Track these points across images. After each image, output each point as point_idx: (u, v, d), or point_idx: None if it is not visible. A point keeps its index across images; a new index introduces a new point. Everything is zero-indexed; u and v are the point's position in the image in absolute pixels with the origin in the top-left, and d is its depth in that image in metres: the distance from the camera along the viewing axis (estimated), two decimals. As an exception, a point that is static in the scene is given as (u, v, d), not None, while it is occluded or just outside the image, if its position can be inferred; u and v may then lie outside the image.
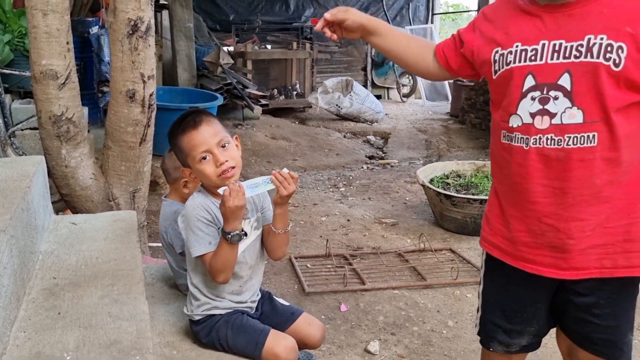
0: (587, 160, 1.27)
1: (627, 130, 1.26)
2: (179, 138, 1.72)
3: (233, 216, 1.61)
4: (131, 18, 2.34)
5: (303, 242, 3.79)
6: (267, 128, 7.11)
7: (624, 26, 1.21)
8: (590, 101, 1.24)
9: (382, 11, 10.69)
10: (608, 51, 1.21)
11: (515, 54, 1.31)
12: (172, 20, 7.17)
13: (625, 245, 1.33)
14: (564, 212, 1.33)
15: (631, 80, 1.23)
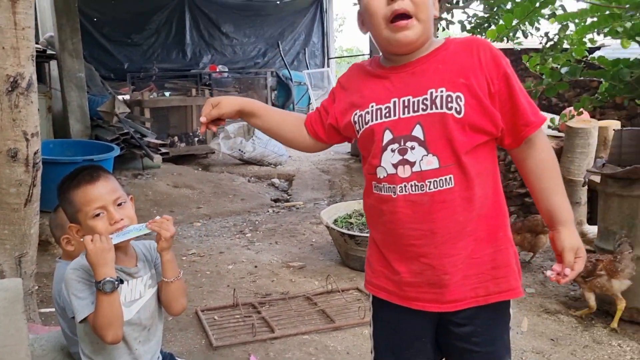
0: (448, 201, 1.38)
1: (477, 169, 1.39)
2: (71, 192, 1.63)
3: (100, 261, 1.54)
4: (10, 75, 2.23)
5: (210, 293, 3.69)
6: (168, 176, 6.94)
7: (458, 78, 1.36)
8: (442, 147, 1.37)
9: (279, 56, 10.94)
10: (449, 101, 1.35)
11: (371, 113, 1.43)
12: (61, 71, 6.89)
13: (493, 272, 1.44)
14: (436, 251, 1.41)
15: (473, 124, 1.37)
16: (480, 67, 1.37)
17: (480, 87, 1.36)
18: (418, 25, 1.36)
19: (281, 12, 11.33)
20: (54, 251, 4.41)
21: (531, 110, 1.40)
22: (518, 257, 1.50)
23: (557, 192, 1.44)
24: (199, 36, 10.46)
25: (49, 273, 3.98)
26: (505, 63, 1.39)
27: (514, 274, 1.46)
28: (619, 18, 2.82)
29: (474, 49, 1.39)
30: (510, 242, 1.47)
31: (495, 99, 1.38)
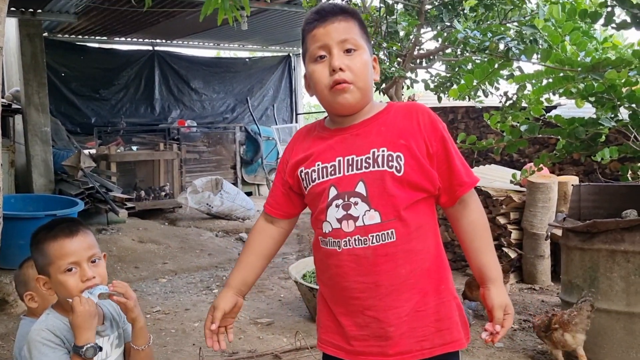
0: (391, 254, 1.43)
1: (418, 223, 1.46)
2: (47, 243, 1.58)
3: (86, 325, 1.50)
4: (-25, 129, 2.20)
5: (174, 352, 3.57)
6: (134, 231, 6.82)
7: (399, 139, 1.46)
8: (383, 203, 1.43)
9: (248, 112, 11.08)
10: (390, 160, 1.44)
11: (318, 171, 1.51)
12: (26, 125, 6.83)
13: (437, 324, 1.47)
14: (381, 303, 1.45)
15: (412, 182, 1.45)
16: (419, 130, 1.47)
17: (419, 148, 1.45)
18: (356, 91, 1.47)
19: (250, 69, 11.55)
20: (11, 310, 4.24)
21: (465, 171, 1.49)
22: (462, 309, 1.54)
23: (486, 251, 1.50)
24: (168, 91, 10.54)
25: (5, 334, 3.81)
26: (442, 127, 1.49)
27: (457, 326, 1.49)
28: (572, 80, 2.98)
29: (413, 114, 1.49)
30: (453, 295, 1.52)
31: (433, 160, 1.47)
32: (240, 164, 10.46)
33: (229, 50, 12.89)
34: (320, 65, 1.48)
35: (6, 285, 4.30)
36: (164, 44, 10.64)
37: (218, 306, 1.60)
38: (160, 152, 8.90)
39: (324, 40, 1.47)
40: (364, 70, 1.47)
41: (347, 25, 1.48)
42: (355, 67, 1.45)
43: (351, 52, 1.47)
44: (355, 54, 1.47)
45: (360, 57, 1.47)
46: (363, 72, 1.47)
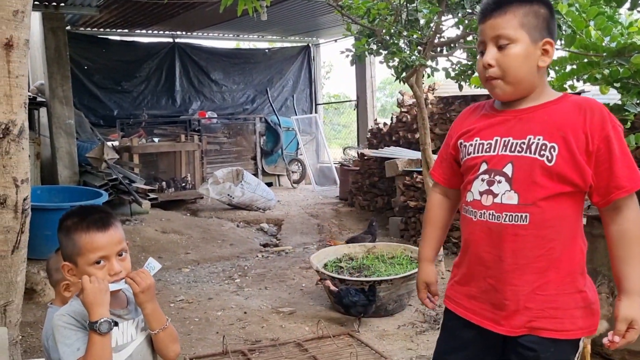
0: (520, 236, 1.52)
1: (556, 215, 1.52)
2: (77, 233, 1.59)
3: (97, 301, 1.52)
4: (2, 121, 2.25)
5: (198, 340, 3.62)
6: (157, 222, 6.90)
7: (558, 131, 1.50)
8: (525, 188, 1.51)
9: (268, 102, 11.09)
10: (543, 149, 1.50)
11: (474, 146, 1.63)
12: (51, 118, 6.94)
13: (552, 311, 1.54)
14: (502, 276, 1.56)
15: (561, 174, 1.49)
16: (583, 125, 1.49)
17: (578, 142, 1.48)
18: (505, 86, 1.56)
19: (270, 60, 11.55)
20: (39, 299, 4.33)
21: (629, 175, 1.47)
22: (591, 303, 1.56)
23: (629, 262, 1.50)
24: (189, 83, 10.60)
25: (34, 322, 3.90)
26: (612, 127, 1.49)
27: (572, 319, 1.54)
28: (597, 65, 2.91)
29: (583, 109, 1.52)
30: (579, 289, 1.55)
31: (592, 157, 1.48)
32: (261, 155, 10.49)
33: (249, 41, 12.90)
34: (480, 59, 1.60)
35: (34, 275, 4.39)
36: (184, 35, 10.70)
37: (431, 281, 1.81)
38: (181, 143, 8.97)
39: (481, 37, 1.59)
40: (514, 63, 1.53)
41: (503, 20, 1.54)
42: (504, 62, 1.53)
43: (504, 47, 1.54)
44: (507, 48, 1.53)
45: (513, 50, 1.53)
46: (513, 65, 1.53)
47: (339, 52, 4.92)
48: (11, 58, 2.23)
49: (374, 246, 4.78)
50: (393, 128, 7.87)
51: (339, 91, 17.68)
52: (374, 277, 4.07)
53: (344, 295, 3.76)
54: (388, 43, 4.56)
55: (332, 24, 9.83)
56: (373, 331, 3.70)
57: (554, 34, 1.58)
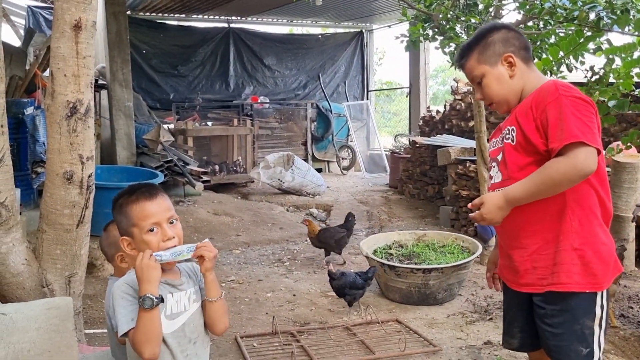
0: None
1: None
2: (129, 206, 1.69)
3: (145, 277, 1.59)
4: (70, 100, 2.34)
5: (249, 320, 3.70)
6: (209, 204, 7.05)
7: (517, 116, 1.85)
8: (504, 166, 1.90)
9: (320, 88, 11.10)
10: (509, 133, 1.88)
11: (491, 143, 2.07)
12: (111, 100, 7.16)
13: (553, 267, 1.81)
14: (509, 243, 1.92)
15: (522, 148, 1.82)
16: (531, 104, 1.81)
17: (527, 120, 1.80)
18: (499, 105, 1.96)
19: (322, 46, 11.53)
20: (98, 274, 4.52)
21: (557, 135, 1.71)
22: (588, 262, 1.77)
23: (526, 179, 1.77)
24: (242, 68, 10.72)
25: (93, 295, 4.07)
26: (554, 99, 1.74)
27: (569, 273, 1.78)
28: (668, 51, 2.77)
29: (536, 91, 1.83)
30: (573, 247, 1.78)
31: (540, 129, 1.78)
32: (311, 141, 10.53)
33: (302, 26, 12.91)
34: None
35: (93, 250, 4.58)
36: (239, 20, 10.80)
37: (490, 259, 2.14)
38: (234, 127, 9.10)
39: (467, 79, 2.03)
40: (493, 90, 1.92)
41: (470, 64, 1.95)
42: (487, 93, 1.95)
43: (481, 83, 1.94)
44: (483, 82, 1.93)
45: (486, 82, 1.93)
46: (492, 92, 1.93)
47: (392, 38, 4.87)
48: (79, 39, 2.31)
49: (425, 234, 4.74)
50: (446, 116, 7.74)
51: (391, 78, 17.51)
52: (424, 265, 4.04)
53: None
54: (445, 28, 4.46)
55: (387, 9, 9.71)
56: (422, 319, 3.68)
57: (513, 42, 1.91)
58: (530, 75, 1.90)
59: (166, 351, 1.67)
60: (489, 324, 3.56)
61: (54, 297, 2.44)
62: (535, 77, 1.91)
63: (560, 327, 1.80)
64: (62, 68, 2.33)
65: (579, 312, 1.79)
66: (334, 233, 5.02)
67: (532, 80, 1.89)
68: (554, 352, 1.84)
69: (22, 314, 1.94)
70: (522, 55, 1.90)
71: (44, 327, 1.83)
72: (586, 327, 1.79)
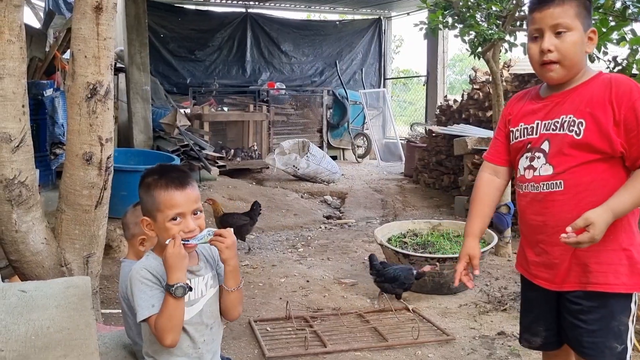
0: (558, 201, 1.75)
1: (589, 179, 1.72)
2: (157, 190, 1.66)
3: (177, 266, 1.59)
4: (90, 82, 2.35)
5: (262, 304, 3.72)
6: (224, 189, 7.09)
7: (586, 107, 1.71)
8: (557, 160, 1.75)
9: (337, 75, 11.04)
10: (572, 125, 1.72)
11: (520, 131, 1.88)
12: (128, 83, 7.19)
13: (595, 266, 1.73)
14: (549, 239, 1.79)
15: (588, 144, 1.69)
16: (609, 97, 1.67)
17: (605, 115, 1.67)
18: (561, 70, 1.75)
19: (340, 32, 11.47)
20: (115, 255, 4.57)
21: None
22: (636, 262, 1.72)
23: (627, 187, 1.66)
24: (259, 54, 10.70)
25: (109, 275, 4.13)
26: (638, 97, 1.63)
27: (615, 273, 1.72)
28: None
29: (610, 83, 1.70)
30: (622, 247, 1.72)
31: (620, 126, 1.66)
32: (327, 128, 10.50)
33: (320, 12, 12.83)
34: (534, 44, 1.77)
35: (110, 231, 4.63)
36: (257, 5, 10.77)
37: (474, 254, 1.95)
38: (250, 113, 9.11)
39: (538, 24, 1.75)
40: (572, 49, 1.72)
41: (562, 10, 1.72)
42: (563, 48, 1.72)
43: (561, 34, 1.72)
44: (565, 36, 1.72)
45: (570, 37, 1.72)
46: (570, 51, 1.73)
47: (410, 26, 4.82)
48: (100, 21, 2.32)
49: (439, 223, 4.72)
50: (463, 105, 7.67)
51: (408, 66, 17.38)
52: (438, 254, 4.02)
53: None
54: (465, 16, 4.41)
55: (406, -4, 9.62)
56: (435, 308, 3.68)
57: None
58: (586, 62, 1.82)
59: (185, 337, 1.68)
60: (503, 315, 3.55)
61: (73, 276, 2.47)
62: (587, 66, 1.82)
63: (597, 323, 1.75)
64: (82, 49, 2.34)
65: (617, 309, 1.75)
66: (237, 220, 4.96)
67: (587, 66, 1.80)
68: (588, 349, 1.78)
69: (41, 292, 1.97)
70: None
71: (63, 305, 1.85)
72: (622, 324, 1.75)
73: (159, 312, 1.60)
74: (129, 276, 1.68)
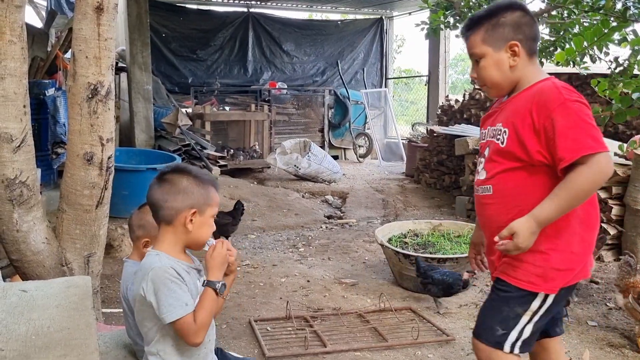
0: (491, 204, 1.89)
1: (513, 185, 1.81)
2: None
3: (222, 265, 1.69)
4: (91, 82, 2.36)
5: (263, 304, 3.73)
6: (225, 189, 7.09)
7: (511, 117, 1.81)
8: (489, 165, 1.89)
9: (338, 75, 11.05)
10: (499, 133, 1.84)
11: (482, 134, 2.01)
12: (130, 83, 7.20)
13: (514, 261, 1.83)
14: (489, 237, 1.93)
15: (510, 152, 1.80)
16: (530, 107, 1.74)
17: (524, 125, 1.75)
18: (491, 89, 1.91)
19: (341, 32, 11.47)
20: (116, 254, 4.58)
21: (570, 146, 1.66)
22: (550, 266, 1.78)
23: (552, 196, 1.71)
24: (261, 53, 10.71)
25: (110, 275, 4.13)
26: (559, 104, 1.68)
27: (524, 270, 1.81)
28: None
29: (534, 93, 1.77)
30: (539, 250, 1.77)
31: (540, 135, 1.72)
32: (328, 128, 10.51)
33: (321, 12, 12.83)
34: None
35: (112, 231, 4.64)
36: (259, 5, 10.77)
37: (475, 241, 2.17)
38: (251, 112, 9.12)
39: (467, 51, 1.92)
40: (487, 74, 1.86)
41: (474, 39, 1.85)
42: (480, 75, 1.88)
43: (479, 62, 1.86)
44: (480, 63, 1.86)
45: (483, 64, 1.85)
46: (487, 76, 1.86)
47: (412, 26, 4.82)
48: (101, 21, 2.33)
49: (440, 223, 4.72)
50: (465, 105, 7.67)
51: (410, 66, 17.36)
52: (439, 254, 4.03)
53: None
54: (466, 16, 4.41)
55: (408, -4, 9.61)
56: (434, 308, 3.68)
57: (524, 30, 1.81)
58: (529, 69, 1.83)
59: None
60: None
61: (73, 275, 2.48)
62: (534, 71, 1.84)
63: (491, 302, 1.91)
64: (83, 50, 2.35)
65: (514, 299, 1.83)
66: (220, 219, 4.86)
67: (530, 74, 1.83)
68: (476, 324, 1.94)
69: (42, 292, 1.97)
70: (529, 46, 1.82)
71: (64, 304, 1.86)
72: (513, 313, 1.82)
73: (200, 308, 1.64)
74: (149, 277, 1.64)
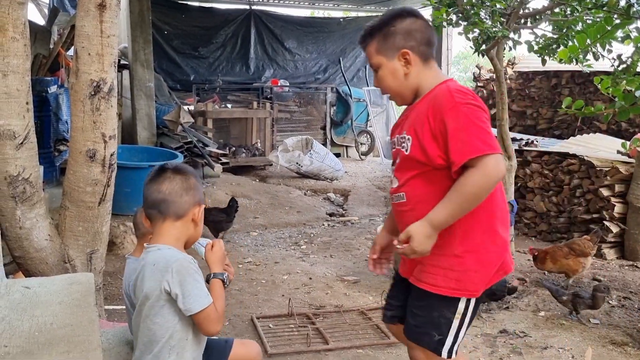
0: (404, 211, 1.87)
1: (423, 191, 1.80)
2: (199, 183, 1.86)
3: (221, 260, 1.82)
4: (94, 79, 2.35)
5: (265, 301, 3.73)
6: (227, 186, 7.10)
7: (413, 124, 1.81)
8: (399, 173, 1.88)
9: (340, 72, 11.03)
10: (403, 141, 1.84)
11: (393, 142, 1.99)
12: (132, 80, 7.20)
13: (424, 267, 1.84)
14: None
15: (414, 159, 1.80)
16: (427, 112, 1.76)
17: (424, 131, 1.76)
18: (395, 97, 1.94)
19: (344, 30, 11.45)
20: (118, 251, 4.59)
21: (460, 149, 1.68)
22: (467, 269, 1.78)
23: (444, 201, 1.72)
24: (263, 51, 10.70)
25: (113, 272, 4.14)
26: (451, 107, 1.70)
27: (434, 275, 1.82)
28: None
29: (430, 99, 1.79)
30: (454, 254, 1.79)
31: (438, 139, 1.73)
32: (330, 125, 10.49)
33: (324, 9, 12.81)
34: None
35: (114, 228, 4.64)
36: (261, 2, 10.76)
37: (378, 242, 2.08)
38: (253, 110, 9.11)
39: None
40: (385, 83, 1.89)
41: (369, 50, 1.87)
42: (380, 85, 1.92)
43: (377, 72, 1.88)
44: (379, 73, 1.88)
45: (380, 74, 1.88)
46: (385, 85, 1.89)
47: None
48: (104, 18, 2.32)
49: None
50: (467, 103, 7.64)
51: (412, 64, 17.34)
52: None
53: None
54: (469, 13, 4.39)
55: (410, -7, 9.59)
56: (437, 306, 3.68)
57: (415, 36, 1.82)
58: (426, 74, 1.85)
59: None
60: (505, 313, 3.55)
61: (76, 272, 2.48)
62: (431, 75, 1.85)
63: (421, 310, 1.87)
64: (86, 47, 2.35)
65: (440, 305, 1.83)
66: (214, 216, 4.95)
67: (428, 79, 1.84)
68: (410, 332, 1.91)
69: (45, 288, 1.98)
70: (422, 51, 1.83)
71: (67, 301, 1.86)
72: (443, 317, 1.83)
73: (216, 298, 1.74)
74: (174, 269, 1.69)
